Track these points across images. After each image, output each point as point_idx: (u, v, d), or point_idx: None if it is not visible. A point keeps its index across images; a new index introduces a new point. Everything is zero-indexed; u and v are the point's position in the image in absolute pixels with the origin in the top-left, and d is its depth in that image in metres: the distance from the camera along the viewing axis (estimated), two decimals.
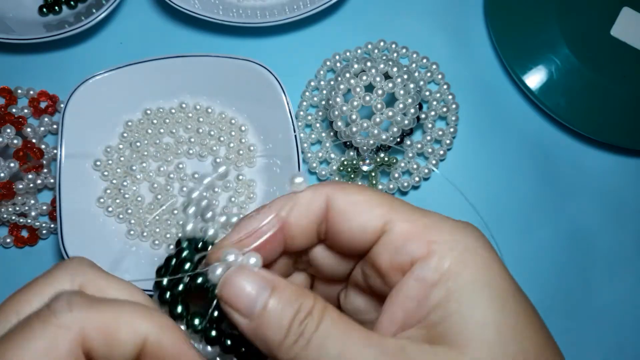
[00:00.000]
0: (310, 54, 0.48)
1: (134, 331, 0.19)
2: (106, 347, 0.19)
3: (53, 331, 0.18)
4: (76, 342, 0.18)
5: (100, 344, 0.18)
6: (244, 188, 0.44)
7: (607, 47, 0.46)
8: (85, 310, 0.18)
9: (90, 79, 0.42)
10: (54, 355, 0.18)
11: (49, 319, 0.18)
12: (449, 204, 0.44)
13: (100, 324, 0.18)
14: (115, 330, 0.19)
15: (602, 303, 0.43)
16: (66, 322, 0.18)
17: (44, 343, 0.17)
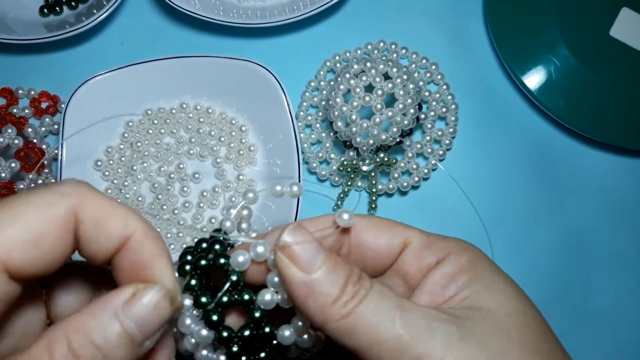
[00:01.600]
0: (310, 54, 0.48)
1: (125, 223, 0.20)
2: (95, 227, 0.20)
3: (53, 194, 0.19)
4: (71, 210, 0.19)
5: (91, 223, 0.20)
6: (244, 188, 0.44)
7: (606, 48, 0.46)
8: (88, 190, 0.20)
9: (91, 79, 0.42)
10: (49, 212, 0.19)
11: (53, 186, 0.20)
12: (448, 204, 0.45)
13: (97, 205, 0.20)
14: (108, 215, 0.20)
15: (602, 303, 0.43)
16: (68, 191, 0.20)
17: (44, 201, 0.19)
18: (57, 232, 0.19)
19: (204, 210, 0.44)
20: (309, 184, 0.42)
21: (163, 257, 0.21)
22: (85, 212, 0.20)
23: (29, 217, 0.19)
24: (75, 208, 0.20)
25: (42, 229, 0.19)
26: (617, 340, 0.43)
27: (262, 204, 0.44)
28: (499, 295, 0.22)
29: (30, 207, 0.19)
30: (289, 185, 0.25)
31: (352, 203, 0.45)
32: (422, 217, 0.45)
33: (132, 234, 0.21)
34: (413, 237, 0.25)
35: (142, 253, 0.21)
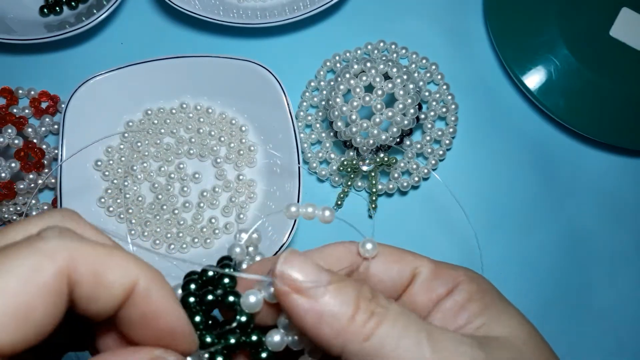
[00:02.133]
0: (310, 54, 0.48)
1: (125, 274, 0.18)
2: (93, 285, 0.17)
3: (39, 256, 0.17)
4: (61, 273, 0.17)
5: (88, 281, 0.17)
6: (244, 188, 0.44)
7: (606, 48, 0.46)
8: (76, 242, 0.17)
9: (91, 79, 0.42)
10: (36, 280, 0.16)
11: (37, 244, 0.17)
12: (448, 204, 0.45)
13: (90, 259, 0.17)
14: (105, 268, 0.17)
15: (602, 303, 0.43)
16: (54, 249, 0.17)
17: (28, 267, 0.16)
18: (46, 301, 0.16)
19: (204, 210, 0.44)
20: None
21: (174, 303, 0.19)
22: (79, 270, 0.17)
23: (12, 290, 0.16)
24: (66, 269, 0.17)
25: (29, 303, 0.16)
26: (617, 340, 0.43)
27: (262, 204, 0.44)
28: (512, 323, 0.22)
29: (12, 278, 0.16)
30: (321, 210, 0.25)
31: (352, 203, 0.45)
32: (422, 217, 0.45)
33: (137, 282, 0.18)
34: (422, 267, 0.24)
35: (151, 303, 0.18)
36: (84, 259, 0.17)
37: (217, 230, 0.43)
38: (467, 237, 0.44)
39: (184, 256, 0.43)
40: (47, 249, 0.17)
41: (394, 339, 0.19)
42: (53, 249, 0.17)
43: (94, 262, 0.17)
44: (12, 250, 0.17)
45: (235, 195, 0.44)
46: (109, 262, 0.18)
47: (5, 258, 0.16)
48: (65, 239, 0.17)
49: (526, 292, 0.43)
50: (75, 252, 0.17)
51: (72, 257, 0.17)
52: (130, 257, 0.18)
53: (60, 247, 0.17)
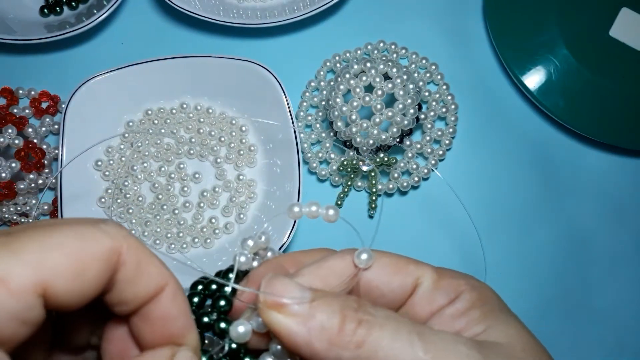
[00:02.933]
0: (310, 54, 0.48)
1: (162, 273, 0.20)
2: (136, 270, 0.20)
3: (101, 232, 0.19)
4: (114, 250, 0.19)
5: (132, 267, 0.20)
6: (244, 188, 0.44)
7: (605, 48, 0.46)
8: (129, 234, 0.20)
9: (92, 79, 0.42)
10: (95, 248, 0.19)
11: (97, 223, 0.19)
12: (448, 204, 0.45)
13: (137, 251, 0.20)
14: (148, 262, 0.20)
15: (602, 303, 0.43)
16: (112, 231, 0.19)
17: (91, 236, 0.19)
18: (99, 267, 0.19)
19: (204, 210, 0.44)
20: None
21: (189, 314, 0.21)
22: (128, 255, 0.19)
23: (76, 246, 0.18)
24: (119, 248, 0.19)
25: (86, 262, 0.18)
26: (617, 340, 0.43)
27: (262, 204, 0.44)
28: (512, 331, 0.22)
29: (77, 237, 0.19)
30: (325, 208, 0.24)
31: (352, 203, 0.45)
32: (422, 217, 0.45)
33: (167, 284, 0.20)
34: (424, 277, 0.24)
35: (174, 306, 0.20)
36: (133, 248, 0.20)
37: (217, 230, 0.43)
38: (467, 236, 0.44)
39: (184, 256, 0.43)
40: (106, 229, 0.19)
41: (386, 342, 0.19)
42: (112, 231, 0.19)
43: (140, 254, 0.20)
44: (81, 221, 0.19)
45: (236, 195, 0.44)
46: (151, 259, 0.20)
47: (72, 222, 0.19)
48: (122, 229, 0.20)
49: (526, 292, 0.43)
50: (128, 239, 0.20)
51: (125, 242, 0.19)
52: (164, 264, 0.21)
53: (118, 231, 0.20)
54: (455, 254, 0.44)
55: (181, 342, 0.21)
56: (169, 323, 0.20)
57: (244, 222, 0.43)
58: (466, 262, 0.43)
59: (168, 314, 0.20)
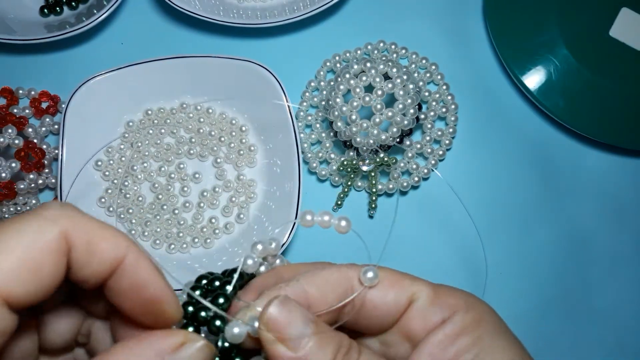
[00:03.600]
0: (310, 54, 0.48)
1: (116, 246, 0.20)
2: (87, 251, 0.19)
3: (42, 220, 0.19)
4: (62, 234, 0.19)
5: (82, 246, 0.19)
6: (244, 188, 0.44)
7: (605, 48, 0.46)
8: (75, 212, 0.20)
9: (92, 79, 0.42)
10: (42, 240, 0.18)
11: (39, 211, 0.19)
12: (447, 204, 0.45)
13: (86, 227, 0.19)
14: (99, 238, 0.20)
15: (602, 303, 0.43)
16: (55, 215, 0.19)
17: (35, 228, 0.18)
18: (52, 258, 0.19)
19: (204, 210, 0.44)
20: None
21: (159, 279, 0.21)
22: (76, 235, 0.19)
23: (23, 245, 0.18)
24: (66, 232, 0.19)
25: (37, 257, 0.18)
26: (617, 340, 0.43)
27: (262, 204, 0.44)
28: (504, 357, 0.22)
29: (22, 235, 0.18)
30: (338, 219, 0.24)
31: (352, 203, 0.45)
32: (422, 217, 0.45)
33: (126, 255, 0.20)
34: (420, 293, 0.24)
35: (139, 274, 0.20)
36: (81, 227, 0.19)
37: (217, 230, 0.43)
38: (468, 236, 0.44)
39: (184, 256, 0.43)
40: (49, 215, 0.19)
41: None
42: (54, 215, 0.19)
43: (89, 231, 0.19)
44: (19, 217, 0.19)
45: (236, 195, 0.44)
46: (102, 233, 0.20)
47: (15, 222, 0.19)
48: (66, 209, 0.19)
49: (526, 292, 0.43)
50: (74, 219, 0.19)
51: (71, 222, 0.19)
52: (120, 233, 0.20)
53: (61, 214, 0.19)
54: (456, 254, 0.44)
55: (162, 308, 0.21)
56: (140, 291, 0.20)
57: (244, 222, 0.43)
58: (466, 262, 0.43)
59: (134, 283, 0.20)
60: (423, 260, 0.44)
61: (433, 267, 0.43)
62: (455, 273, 0.43)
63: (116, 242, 0.20)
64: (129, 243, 0.20)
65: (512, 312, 0.43)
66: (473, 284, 0.43)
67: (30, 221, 0.19)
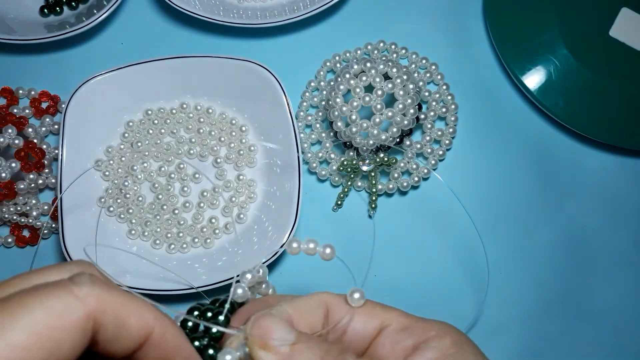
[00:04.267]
0: (310, 54, 0.48)
1: (144, 319, 0.20)
2: (115, 328, 0.19)
3: (72, 298, 0.18)
4: (89, 316, 0.18)
5: (111, 324, 0.19)
6: (244, 188, 0.44)
7: (605, 48, 0.46)
8: (104, 290, 0.19)
9: (92, 79, 0.42)
10: (66, 321, 0.18)
11: (70, 288, 0.18)
12: (447, 204, 0.45)
13: (115, 305, 0.19)
14: (127, 314, 0.19)
15: (601, 303, 0.43)
16: (85, 294, 0.18)
17: (60, 307, 0.18)
18: (73, 339, 0.18)
19: (204, 210, 0.44)
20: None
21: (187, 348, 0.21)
22: (105, 315, 0.19)
23: (47, 324, 0.18)
24: (94, 312, 0.19)
25: (58, 338, 0.18)
26: (617, 340, 0.43)
27: (262, 204, 0.44)
28: None
29: (48, 314, 0.18)
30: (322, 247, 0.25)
31: (352, 203, 0.45)
32: (422, 217, 0.45)
33: (154, 327, 0.20)
34: (391, 320, 0.24)
35: (166, 347, 0.21)
36: (110, 305, 0.19)
37: (217, 230, 0.43)
38: (467, 236, 0.44)
39: (185, 256, 0.43)
40: (79, 293, 0.18)
41: None
42: (85, 293, 0.18)
43: (118, 308, 0.19)
44: (50, 289, 0.18)
45: (236, 195, 0.44)
46: (130, 308, 0.20)
47: (44, 295, 0.18)
48: (95, 286, 0.19)
49: (526, 292, 0.43)
50: (103, 298, 0.19)
51: (100, 302, 0.19)
52: (146, 304, 0.20)
53: (91, 293, 0.19)
54: (456, 254, 0.44)
55: None
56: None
57: (244, 222, 0.43)
58: (467, 263, 0.43)
59: (162, 354, 0.20)
60: (423, 261, 0.44)
61: (433, 267, 0.43)
62: (456, 273, 0.43)
63: (144, 316, 0.20)
64: (156, 314, 0.20)
65: (512, 312, 0.43)
66: (473, 284, 0.43)
67: (61, 298, 0.18)
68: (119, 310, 0.19)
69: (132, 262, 0.41)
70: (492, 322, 0.42)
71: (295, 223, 0.40)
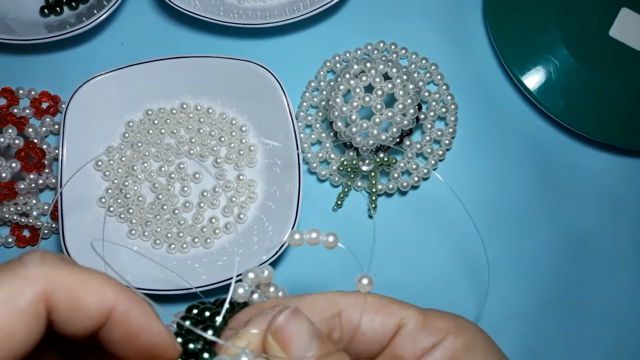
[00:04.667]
0: (310, 54, 0.48)
1: (102, 297, 0.18)
2: (70, 308, 0.18)
3: (18, 280, 0.17)
4: (40, 296, 0.17)
5: (65, 305, 0.18)
6: (244, 188, 0.44)
7: (605, 48, 0.47)
8: (56, 267, 0.18)
9: (92, 79, 0.43)
10: (15, 305, 0.17)
11: (16, 269, 0.17)
12: (447, 204, 0.45)
13: (68, 284, 0.18)
14: (83, 292, 0.18)
15: (601, 302, 0.43)
16: (33, 274, 0.17)
17: (8, 292, 0.17)
18: (25, 325, 0.17)
19: (204, 210, 0.44)
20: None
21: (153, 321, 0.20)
22: (57, 294, 0.17)
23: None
24: (45, 293, 0.17)
25: (7, 326, 0.16)
26: (616, 340, 0.43)
27: (262, 204, 0.44)
28: None
29: None
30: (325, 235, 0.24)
31: (352, 203, 0.45)
32: (422, 217, 0.45)
33: (114, 306, 0.18)
34: (409, 318, 0.23)
35: (131, 324, 0.19)
36: (62, 283, 0.18)
37: (217, 230, 0.43)
38: (467, 237, 0.44)
39: (185, 256, 0.43)
40: (26, 274, 0.17)
41: None
42: (32, 274, 0.17)
43: (72, 286, 0.18)
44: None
45: (236, 195, 0.44)
46: (86, 286, 0.18)
47: None
48: (45, 264, 0.18)
49: (526, 292, 0.43)
50: (54, 277, 0.17)
51: (50, 282, 0.17)
52: (107, 281, 0.19)
53: (39, 272, 0.17)
54: (456, 254, 0.44)
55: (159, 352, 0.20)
56: (133, 340, 0.19)
57: (244, 222, 0.43)
58: (467, 263, 0.43)
59: (126, 333, 0.19)
60: (423, 261, 0.44)
61: (433, 267, 0.43)
62: (456, 273, 0.43)
63: (102, 294, 0.18)
64: (116, 292, 0.19)
65: (512, 312, 0.43)
66: (474, 284, 0.43)
67: (5, 283, 0.17)
68: (73, 289, 0.18)
69: (134, 262, 0.41)
70: (492, 322, 0.42)
71: (295, 223, 0.40)
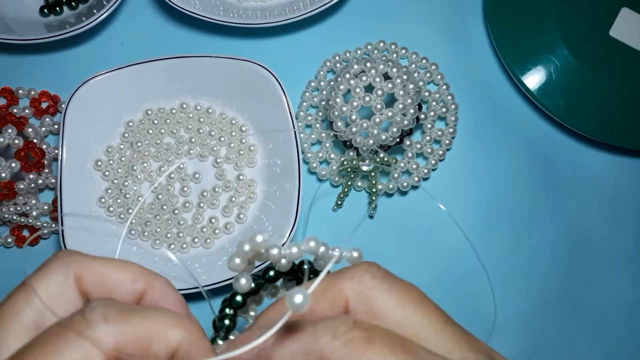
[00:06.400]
0: (310, 54, 0.48)
1: (167, 343, 0.19)
2: (139, 358, 0.18)
3: (87, 345, 0.17)
4: (110, 357, 0.18)
5: (134, 356, 0.18)
6: (244, 188, 0.44)
7: (605, 48, 0.46)
8: (120, 324, 0.18)
9: (92, 79, 0.42)
10: None
11: (84, 331, 0.17)
12: (447, 204, 0.45)
13: (134, 337, 0.18)
14: (149, 343, 0.18)
15: (601, 302, 0.43)
16: (102, 336, 0.17)
17: (78, 356, 0.17)
18: None
19: (204, 210, 0.44)
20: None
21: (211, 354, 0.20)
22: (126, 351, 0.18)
23: None
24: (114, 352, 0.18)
25: None
26: (616, 340, 0.43)
27: (262, 204, 0.44)
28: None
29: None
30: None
31: (352, 203, 0.45)
32: (422, 217, 0.45)
33: (180, 345, 0.19)
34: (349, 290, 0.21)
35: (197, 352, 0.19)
36: (130, 339, 0.18)
37: (217, 230, 0.43)
38: (467, 237, 0.44)
39: (185, 256, 0.43)
40: (93, 336, 0.17)
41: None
42: (99, 335, 0.17)
43: (140, 339, 0.18)
44: (60, 338, 0.17)
45: (236, 195, 0.44)
46: (152, 334, 0.18)
47: (55, 345, 0.17)
48: (110, 323, 0.18)
49: (526, 292, 0.43)
50: (121, 336, 0.18)
51: (117, 342, 0.18)
52: (170, 321, 0.19)
53: (107, 333, 0.18)
54: (455, 254, 0.44)
55: None
56: None
57: (244, 222, 0.43)
58: (467, 263, 0.43)
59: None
60: (423, 261, 0.44)
61: (433, 267, 0.43)
62: (456, 273, 0.43)
63: (167, 338, 0.19)
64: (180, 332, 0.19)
65: (512, 312, 0.43)
66: (474, 284, 0.43)
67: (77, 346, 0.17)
68: (141, 341, 0.18)
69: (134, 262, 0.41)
70: (492, 322, 0.42)
71: (295, 223, 0.40)
